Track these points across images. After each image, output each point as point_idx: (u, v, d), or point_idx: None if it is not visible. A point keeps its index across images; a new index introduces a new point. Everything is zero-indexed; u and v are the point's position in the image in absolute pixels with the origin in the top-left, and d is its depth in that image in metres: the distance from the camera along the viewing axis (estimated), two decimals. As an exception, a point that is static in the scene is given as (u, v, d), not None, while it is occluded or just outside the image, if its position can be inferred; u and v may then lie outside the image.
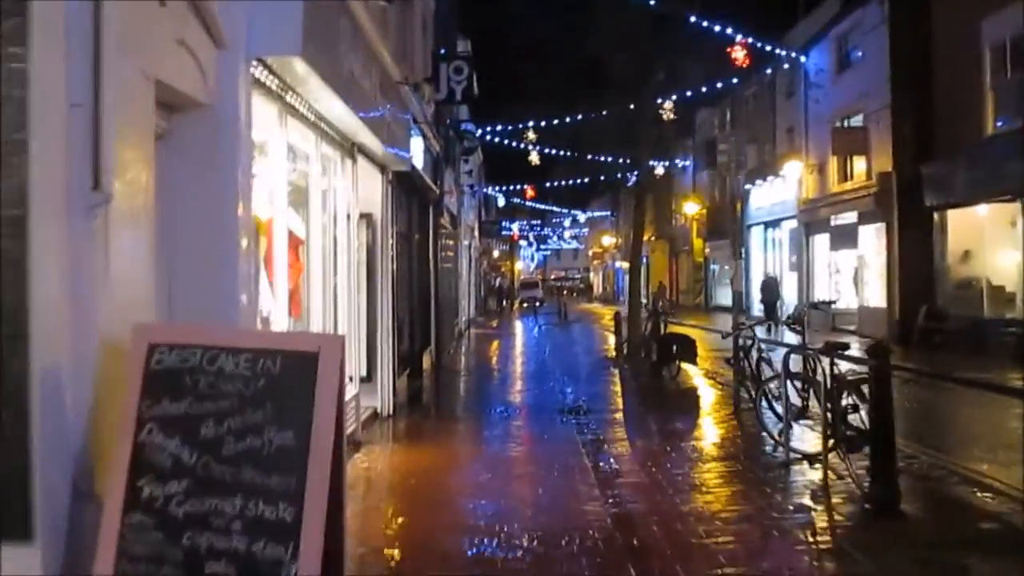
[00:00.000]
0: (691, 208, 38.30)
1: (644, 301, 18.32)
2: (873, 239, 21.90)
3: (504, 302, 50.21)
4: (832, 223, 24.27)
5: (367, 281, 9.91)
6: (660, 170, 36.05)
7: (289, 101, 6.01)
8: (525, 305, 48.51)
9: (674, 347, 13.52)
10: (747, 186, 32.21)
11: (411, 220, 14.34)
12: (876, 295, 21.59)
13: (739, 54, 22.68)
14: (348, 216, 8.50)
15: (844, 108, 23.28)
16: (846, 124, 23.29)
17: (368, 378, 9.88)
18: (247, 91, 4.79)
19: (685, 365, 13.66)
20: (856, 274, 23.06)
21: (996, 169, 15.90)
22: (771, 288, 26.48)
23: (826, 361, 6.77)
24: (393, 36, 10.37)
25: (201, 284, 4.45)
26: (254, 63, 4.99)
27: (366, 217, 9.88)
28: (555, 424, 9.89)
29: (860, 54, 22.82)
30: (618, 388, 13.44)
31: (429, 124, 13.45)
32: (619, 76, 16.59)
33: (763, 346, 9.90)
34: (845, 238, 23.42)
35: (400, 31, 11.08)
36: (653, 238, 43.87)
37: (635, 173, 19.34)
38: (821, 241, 25.63)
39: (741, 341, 9.98)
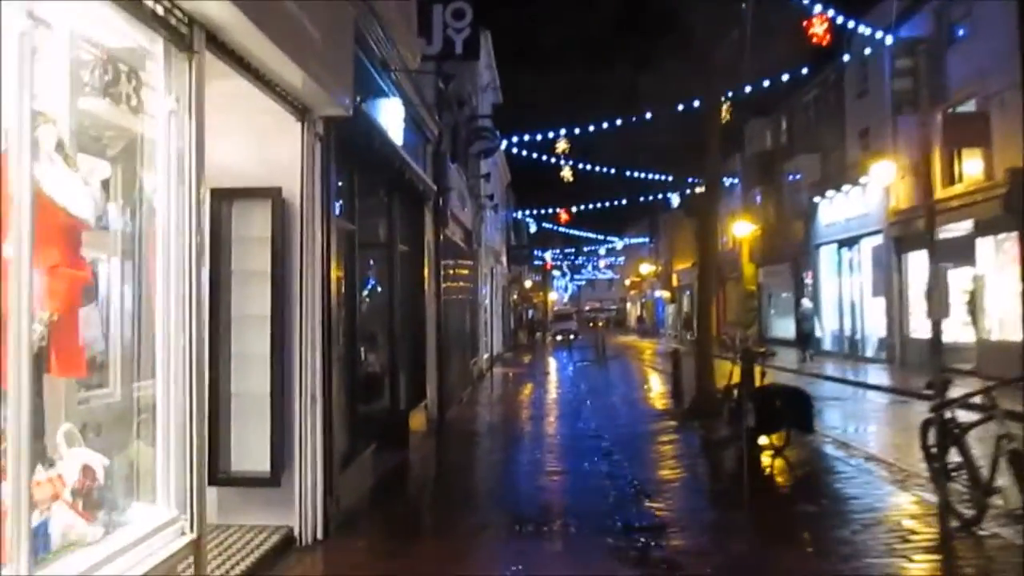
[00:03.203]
0: (742, 229, 33.50)
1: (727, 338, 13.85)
2: (995, 254, 17.29)
3: (536, 335, 46.27)
4: (935, 236, 19.52)
5: (272, 306, 5.63)
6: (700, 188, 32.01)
7: None
8: (559, 338, 44.41)
9: (777, 405, 8.96)
10: (814, 199, 27.79)
11: (392, 226, 10.11)
12: (1003, 325, 16.89)
13: (818, 28, 18.51)
14: (191, 183, 4.14)
15: (950, 93, 18.71)
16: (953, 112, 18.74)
17: (272, 479, 5.56)
18: None
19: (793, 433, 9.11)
20: (972, 299, 18.34)
21: None
22: (807, 318, 24.92)
23: None
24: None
25: None
26: None
27: (268, 194, 5.62)
28: (612, 559, 5.47)
29: (965, 28, 18.39)
30: (701, 474, 8.88)
31: (410, 76, 9.19)
32: (686, 26, 12.21)
33: (1009, 428, 5.14)
34: (955, 254, 18.66)
35: None
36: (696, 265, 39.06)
37: (695, 180, 15.12)
38: (918, 259, 20.87)
39: (949, 415, 5.42)
